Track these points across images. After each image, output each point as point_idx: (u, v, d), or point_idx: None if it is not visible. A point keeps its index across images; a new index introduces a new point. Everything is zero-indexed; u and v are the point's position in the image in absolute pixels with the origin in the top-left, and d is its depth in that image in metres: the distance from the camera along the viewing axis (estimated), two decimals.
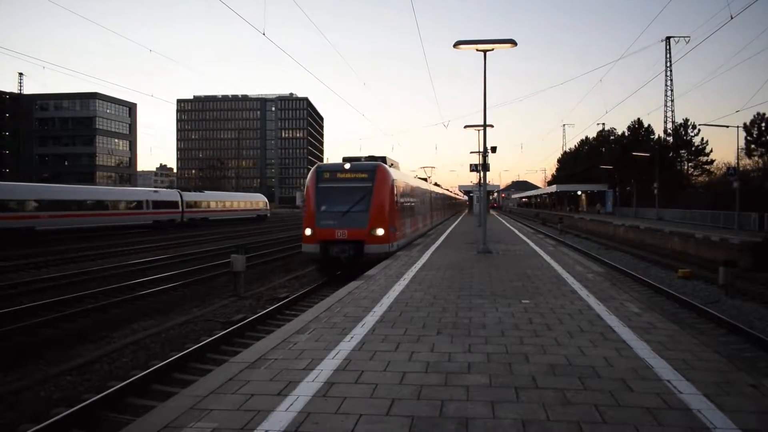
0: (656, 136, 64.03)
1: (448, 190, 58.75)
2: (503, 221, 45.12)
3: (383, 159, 18.05)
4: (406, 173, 22.72)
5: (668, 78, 61.12)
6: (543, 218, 62.72)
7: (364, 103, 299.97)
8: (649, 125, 65.80)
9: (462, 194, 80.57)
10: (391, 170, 16.92)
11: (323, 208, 15.39)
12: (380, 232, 15.00)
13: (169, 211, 45.45)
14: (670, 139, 61.85)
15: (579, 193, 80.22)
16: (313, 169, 16.59)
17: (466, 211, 69.26)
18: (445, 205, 45.40)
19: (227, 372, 5.03)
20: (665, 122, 62.69)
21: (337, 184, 15.73)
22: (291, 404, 4.21)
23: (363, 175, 15.74)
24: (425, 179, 35.66)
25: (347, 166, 16.07)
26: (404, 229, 18.21)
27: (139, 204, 42.63)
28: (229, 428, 3.79)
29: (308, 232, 15.34)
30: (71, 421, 6.00)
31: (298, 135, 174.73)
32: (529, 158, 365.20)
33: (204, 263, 20.69)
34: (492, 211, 75.99)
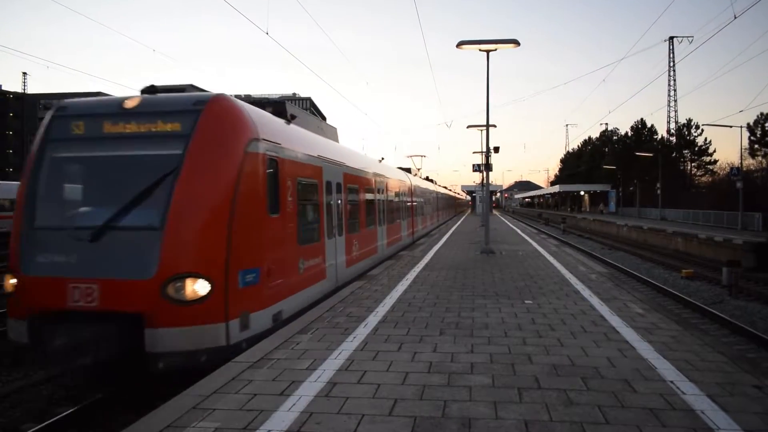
0: (659, 136, 64.18)
1: (446, 187, 57.67)
2: (506, 221, 45.06)
3: (280, 106, 9.39)
4: (344, 147, 12.79)
5: (671, 78, 60.96)
6: (546, 218, 62.62)
7: (367, 102, 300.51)
8: (652, 125, 66.00)
9: (465, 194, 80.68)
10: (268, 119, 7.93)
11: (51, 216, 6.52)
12: (201, 287, 5.91)
13: None
14: (674, 139, 61.84)
15: (582, 193, 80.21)
16: (50, 111, 7.05)
17: (469, 210, 69.29)
18: (440, 207, 37.64)
19: (230, 372, 5.03)
20: (668, 122, 62.60)
21: (101, 151, 6.72)
22: (294, 404, 4.21)
23: (169, 126, 6.55)
24: (408, 170, 26.20)
25: (132, 102, 6.78)
26: (305, 268, 8.31)
27: None
28: (231, 428, 3.80)
29: (10, 282, 6.33)
30: (74, 419, 6.00)
31: None
32: (532, 158, 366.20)
33: None
34: (495, 211, 75.92)
